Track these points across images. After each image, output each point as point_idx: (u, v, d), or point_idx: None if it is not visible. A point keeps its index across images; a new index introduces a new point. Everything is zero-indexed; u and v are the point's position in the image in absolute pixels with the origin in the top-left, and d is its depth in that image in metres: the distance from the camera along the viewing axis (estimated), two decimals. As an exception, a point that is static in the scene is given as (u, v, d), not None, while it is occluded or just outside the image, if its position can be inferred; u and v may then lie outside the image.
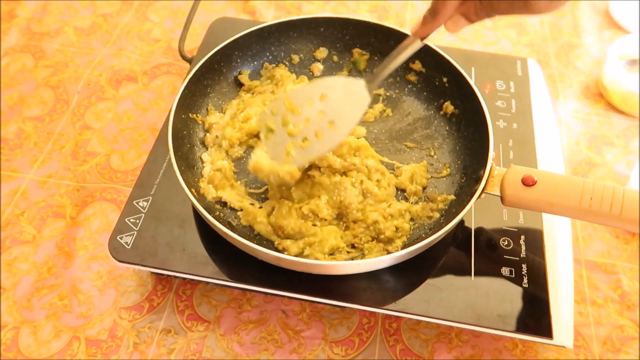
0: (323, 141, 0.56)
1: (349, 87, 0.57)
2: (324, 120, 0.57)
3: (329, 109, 0.57)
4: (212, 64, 0.65)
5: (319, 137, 0.56)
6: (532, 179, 0.50)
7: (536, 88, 0.70)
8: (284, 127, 0.57)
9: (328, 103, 0.57)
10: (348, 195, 0.56)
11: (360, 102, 0.56)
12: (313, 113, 0.57)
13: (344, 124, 0.56)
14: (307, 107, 0.58)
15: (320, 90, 0.58)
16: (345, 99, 0.57)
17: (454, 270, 0.54)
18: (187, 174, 0.56)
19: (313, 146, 0.56)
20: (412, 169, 0.60)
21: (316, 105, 0.58)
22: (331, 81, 0.59)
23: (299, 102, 0.58)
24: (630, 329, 0.57)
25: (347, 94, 0.57)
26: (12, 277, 0.60)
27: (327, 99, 0.57)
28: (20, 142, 0.72)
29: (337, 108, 0.57)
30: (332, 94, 0.58)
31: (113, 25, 0.87)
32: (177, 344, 0.56)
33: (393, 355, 0.55)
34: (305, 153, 0.56)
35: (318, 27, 0.70)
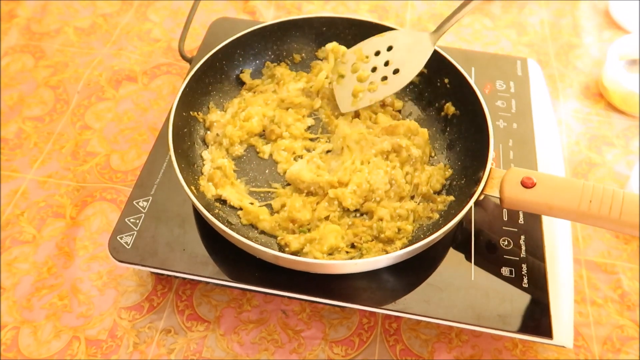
0: (387, 86, 0.63)
1: (414, 39, 0.63)
2: (390, 68, 0.63)
3: (394, 58, 0.64)
4: (214, 62, 0.65)
5: (384, 82, 0.63)
6: (532, 180, 0.50)
7: (536, 88, 0.70)
8: (354, 73, 0.65)
9: (394, 54, 0.64)
10: (378, 180, 0.58)
11: (422, 53, 0.62)
12: (380, 62, 0.64)
13: (407, 72, 0.63)
14: (374, 57, 0.64)
15: (387, 42, 0.64)
16: (409, 50, 0.63)
17: (454, 270, 0.54)
18: (187, 172, 0.56)
19: (378, 90, 0.63)
20: (431, 171, 0.60)
21: (383, 55, 0.64)
22: (398, 34, 0.65)
23: (368, 52, 0.65)
24: (630, 329, 0.57)
25: (412, 45, 0.63)
26: (12, 277, 0.60)
27: (393, 49, 0.64)
28: (20, 142, 0.72)
29: (401, 58, 0.63)
30: (397, 45, 0.64)
31: (113, 25, 0.87)
32: (177, 344, 0.56)
33: (393, 355, 0.55)
34: (372, 95, 0.63)
35: (320, 27, 0.70)
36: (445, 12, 0.91)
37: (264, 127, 0.64)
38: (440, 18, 0.89)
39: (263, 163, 0.62)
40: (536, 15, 0.91)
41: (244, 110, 0.64)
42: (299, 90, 0.67)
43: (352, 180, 0.57)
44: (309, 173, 0.59)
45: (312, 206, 0.57)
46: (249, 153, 0.63)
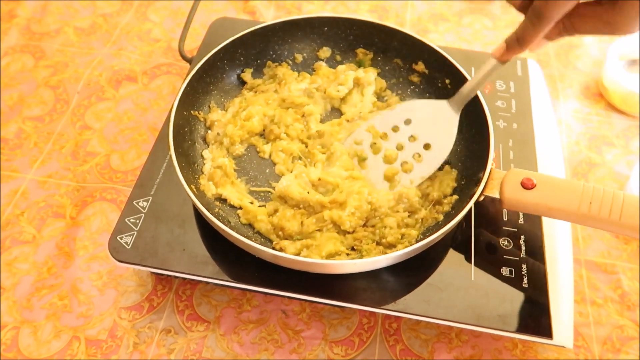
0: (424, 164, 0.58)
1: (433, 109, 0.58)
2: (418, 143, 0.58)
3: (418, 132, 0.58)
4: (216, 61, 0.65)
5: (418, 159, 0.58)
6: (532, 182, 0.49)
7: (536, 88, 0.70)
8: (377, 153, 0.59)
9: (415, 127, 0.59)
10: (380, 199, 0.56)
11: (449, 122, 0.57)
12: (403, 138, 0.59)
13: (441, 145, 0.57)
14: (394, 134, 0.59)
15: (402, 115, 0.59)
16: (433, 121, 0.58)
17: (454, 270, 0.54)
18: (187, 171, 0.56)
19: (416, 169, 0.58)
20: (440, 176, 0.59)
21: (404, 130, 0.59)
22: (413, 105, 0.60)
23: (385, 129, 0.60)
24: (630, 329, 0.57)
25: (434, 116, 0.58)
26: (12, 277, 0.60)
27: (412, 122, 0.59)
28: (20, 142, 0.72)
29: (427, 130, 0.58)
30: (416, 117, 0.59)
31: (113, 25, 0.87)
32: (177, 344, 0.56)
33: (393, 355, 0.55)
34: (410, 176, 0.57)
35: (322, 27, 0.70)
36: (445, 12, 0.91)
37: (264, 126, 0.64)
38: (441, 18, 0.90)
39: (263, 162, 0.63)
40: (536, 15, 0.91)
41: (244, 110, 0.64)
42: (300, 90, 0.67)
43: (349, 203, 0.55)
44: (297, 189, 0.57)
45: (302, 218, 0.56)
46: (250, 152, 0.63)
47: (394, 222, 0.55)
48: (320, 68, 0.70)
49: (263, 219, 0.56)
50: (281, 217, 0.55)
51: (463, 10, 0.91)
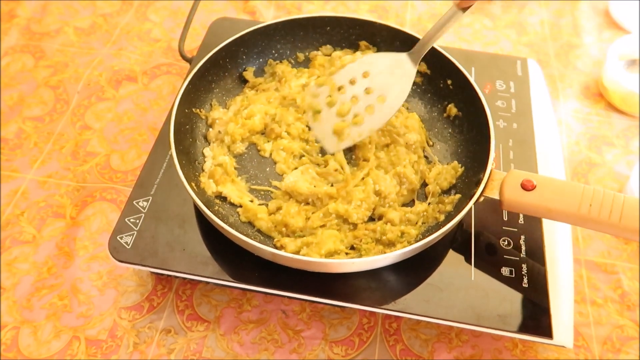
0: (376, 115, 0.57)
1: (392, 61, 0.58)
2: (373, 95, 0.57)
3: (375, 84, 0.58)
4: (218, 59, 0.65)
5: (370, 112, 0.57)
6: (532, 183, 0.49)
7: (536, 88, 0.70)
8: (331, 107, 0.58)
9: (373, 79, 0.58)
10: (387, 186, 0.56)
11: (406, 75, 0.57)
12: (359, 90, 0.58)
13: (394, 97, 0.57)
14: (350, 86, 0.59)
15: (362, 67, 0.59)
16: (390, 74, 0.57)
17: (454, 270, 0.54)
18: (187, 168, 0.56)
19: (367, 121, 0.57)
20: (440, 168, 0.59)
21: (360, 82, 0.58)
22: (372, 58, 0.59)
23: (343, 82, 0.59)
24: (630, 329, 0.57)
25: (391, 69, 0.57)
26: (12, 277, 0.60)
27: (370, 75, 0.58)
28: (20, 142, 0.72)
29: (383, 83, 0.57)
30: (374, 70, 0.58)
31: (113, 25, 0.87)
32: (177, 344, 0.56)
33: (393, 355, 0.55)
34: (359, 129, 0.57)
35: (324, 26, 0.70)
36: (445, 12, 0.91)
37: (265, 125, 0.64)
38: (440, 18, 0.90)
39: (264, 161, 0.63)
40: (536, 15, 0.91)
41: (246, 108, 0.64)
42: (300, 86, 0.67)
43: (355, 196, 0.56)
44: (305, 184, 0.57)
45: (307, 214, 0.56)
46: (250, 151, 0.63)
47: (397, 217, 0.55)
48: (316, 58, 0.70)
49: (263, 217, 0.56)
50: (285, 214, 0.56)
51: (463, 10, 0.91)
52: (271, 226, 0.56)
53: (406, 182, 0.58)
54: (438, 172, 0.59)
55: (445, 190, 0.58)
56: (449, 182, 0.58)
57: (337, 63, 0.68)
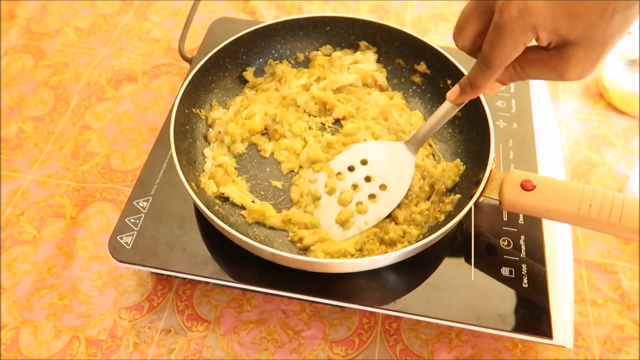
0: (380, 204, 0.56)
1: (390, 150, 0.58)
2: (374, 183, 0.57)
3: (375, 172, 0.58)
4: (218, 59, 0.65)
5: (374, 200, 0.56)
6: (531, 183, 0.49)
7: (536, 88, 0.70)
8: (331, 194, 0.57)
9: (372, 167, 0.58)
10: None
11: (406, 164, 0.56)
12: (359, 178, 0.58)
13: (396, 187, 0.56)
14: (349, 173, 0.58)
15: (359, 154, 0.59)
16: (390, 162, 0.57)
17: (454, 270, 0.54)
18: (187, 168, 0.56)
19: (371, 210, 0.56)
20: (444, 165, 0.59)
21: (359, 170, 0.58)
22: (369, 145, 0.59)
23: (340, 168, 0.59)
24: (630, 329, 0.57)
25: (390, 157, 0.57)
26: (12, 277, 0.60)
27: (369, 163, 0.58)
28: (20, 142, 0.72)
29: (384, 171, 0.57)
30: (372, 157, 0.58)
31: (113, 25, 0.87)
32: (177, 344, 0.56)
33: (393, 355, 0.55)
34: (365, 218, 0.56)
35: (324, 26, 0.70)
36: (445, 12, 0.91)
37: (266, 125, 0.64)
38: (441, 18, 0.90)
39: (264, 161, 0.63)
40: (536, 15, 0.91)
41: (246, 109, 0.65)
42: (300, 86, 0.67)
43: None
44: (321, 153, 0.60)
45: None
46: (250, 151, 0.63)
47: (402, 216, 0.55)
48: (316, 58, 0.70)
49: (272, 214, 0.56)
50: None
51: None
52: (286, 220, 0.56)
53: (427, 176, 0.58)
54: (442, 169, 0.59)
55: (449, 188, 0.58)
56: (452, 181, 0.58)
57: (337, 63, 0.68)
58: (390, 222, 0.56)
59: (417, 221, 0.56)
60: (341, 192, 0.57)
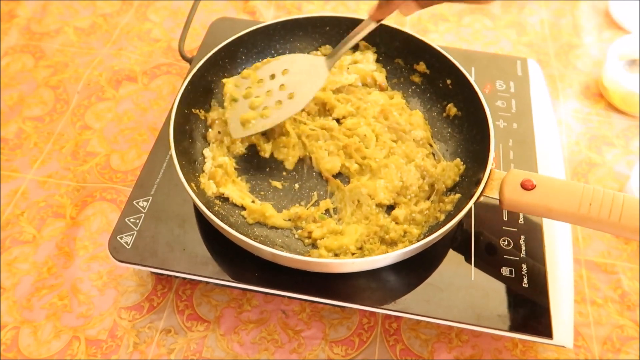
0: (281, 110, 0.61)
1: (310, 63, 0.62)
2: (285, 92, 0.61)
3: (289, 82, 0.62)
4: (217, 59, 0.65)
5: (278, 107, 0.61)
6: (531, 182, 0.49)
7: (536, 88, 0.70)
8: (247, 98, 0.62)
9: (289, 77, 0.62)
10: (410, 176, 0.58)
11: (318, 77, 0.61)
12: (275, 86, 0.62)
13: (302, 96, 0.61)
14: (269, 81, 0.63)
15: (283, 65, 0.63)
16: (306, 74, 0.62)
17: (454, 270, 0.54)
18: (187, 169, 0.56)
19: (272, 114, 0.61)
20: (444, 165, 0.60)
21: (278, 79, 0.62)
22: (294, 57, 0.64)
23: (263, 76, 0.63)
24: (630, 329, 0.57)
25: (308, 69, 0.62)
26: (12, 277, 0.60)
27: (289, 73, 0.62)
28: (20, 142, 0.72)
29: (297, 82, 0.62)
30: (293, 69, 0.63)
31: (113, 25, 0.87)
32: (177, 344, 0.56)
33: (393, 355, 0.55)
34: (264, 122, 0.60)
35: (323, 26, 0.70)
36: (445, 12, 0.91)
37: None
38: (441, 18, 0.90)
39: (264, 161, 0.63)
40: (536, 15, 0.91)
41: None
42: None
43: (381, 175, 0.58)
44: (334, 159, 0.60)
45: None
46: (250, 151, 0.63)
47: (403, 216, 0.56)
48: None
49: (273, 214, 0.57)
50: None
51: (463, 10, 0.91)
52: (294, 218, 0.57)
53: (427, 176, 0.59)
54: (442, 168, 0.59)
55: (449, 188, 0.58)
56: (452, 180, 0.58)
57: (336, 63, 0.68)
58: (391, 222, 0.56)
59: (418, 220, 0.56)
60: (255, 97, 0.62)
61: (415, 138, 0.62)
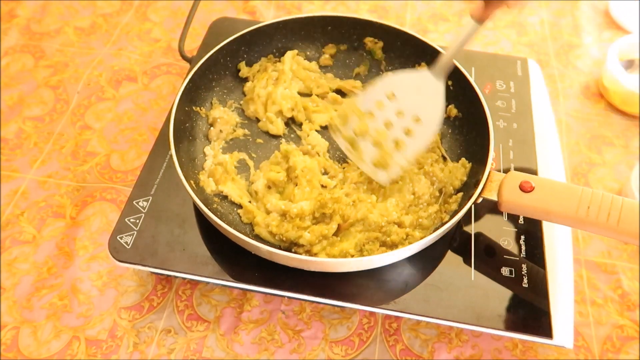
0: (416, 139, 0.53)
1: (416, 79, 0.54)
2: (407, 117, 0.53)
3: (406, 106, 0.54)
4: (219, 58, 0.65)
5: (410, 135, 0.53)
6: (530, 185, 0.49)
7: (536, 88, 0.70)
8: (364, 136, 0.54)
9: (402, 100, 0.54)
10: (421, 186, 0.56)
11: (435, 92, 0.53)
12: (390, 114, 0.54)
13: (431, 117, 0.53)
14: (378, 111, 0.55)
15: (385, 89, 0.55)
16: (417, 92, 0.53)
17: (453, 270, 0.54)
18: (187, 166, 0.56)
19: (409, 145, 0.53)
20: (450, 167, 0.59)
21: (388, 106, 0.54)
22: (394, 78, 0.55)
23: (369, 107, 0.55)
24: (630, 329, 0.57)
25: (417, 87, 0.54)
26: (12, 277, 0.60)
27: (397, 97, 0.54)
28: (20, 142, 0.72)
29: (414, 103, 0.53)
30: (400, 90, 0.54)
31: (113, 25, 0.87)
32: (177, 344, 0.56)
33: (393, 355, 0.55)
34: (405, 154, 0.53)
35: (325, 26, 0.70)
36: (445, 12, 0.91)
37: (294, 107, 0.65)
38: (441, 18, 0.90)
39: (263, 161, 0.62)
40: (536, 15, 0.91)
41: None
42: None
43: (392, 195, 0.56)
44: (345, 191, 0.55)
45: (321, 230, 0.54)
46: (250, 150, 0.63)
47: (409, 220, 0.55)
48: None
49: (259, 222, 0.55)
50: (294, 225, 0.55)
51: (463, 10, 0.91)
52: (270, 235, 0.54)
53: (436, 182, 0.57)
54: (450, 170, 0.58)
55: (457, 189, 0.58)
56: (460, 181, 0.58)
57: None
58: (394, 226, 0.55)
59: (424, 225, 0.55)
60: (376, 132, 0.53)
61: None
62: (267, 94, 0.65)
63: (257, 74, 0.68)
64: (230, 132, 0.64)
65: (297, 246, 0.54)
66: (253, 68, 0.68)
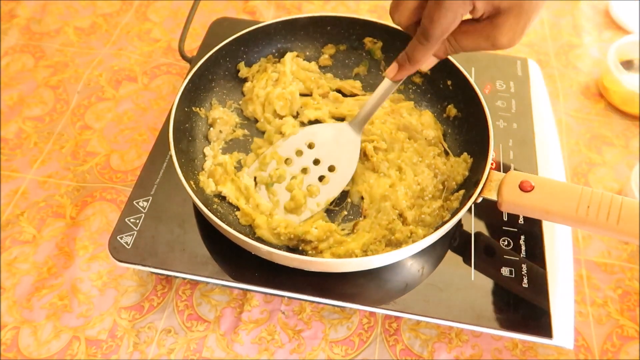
0: (330, 186, 0.58)
1: (334, 131, 0.59)
2: (323, 166, 0.59)
3: (322, 155, 0.59)
4: (218, 58, 0.65)
5: (325, 182, 0.58)
6: (530, 184, 0.49)
7: (536, 88, 0.70)
8: (282, 182, 0.58)
9: (319, 150, 0.59)
10: (425, 177, 0.58)
11: (352, 144, 0.58)
12: (308, 162, 0.59)
13: (345, 167, 0.58)
14: (297, 158, 0.59)
15: (305, 138, 0.60)
16: (335, 143, 0.59)
17: (453, 270, 0.54)
18: (186, 167, 0.56)
19: (322, 191, 0.57)
20: (452, 161, 0.59)
21: (307, 154, 0.59)
22: (314, 129, 0.61)
23: (288, 154, 0.60)
24: (630, 329, 0.57)
25: (335, 138, 0.59)
26: (12, 277, 0.60)
27: (315, 146, 0.60)
28: (20, 142, 0.72)
29: (331, 153, 0.59)
30: (318, 140, 0.60)
31: (113, 25, 0.87)
32: (177, 344, 0.56)
33: (393, 355, 0.55)
34: (316, 200, 0.57)
35: (325, 26, 0.70)
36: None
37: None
38: (440, 18, 0.90)
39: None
40: (536, 15, 0.91)
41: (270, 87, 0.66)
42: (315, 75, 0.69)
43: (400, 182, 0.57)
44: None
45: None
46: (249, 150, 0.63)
47: (412, 216, 0.55)
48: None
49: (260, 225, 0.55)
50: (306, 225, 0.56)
51: (463, 10, 0.91)
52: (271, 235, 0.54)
53: (439, 174, 0.58)
54: (451, 164, 0.59)
55: (460, 184, 0.58)
56: (462, 175, 0.58)
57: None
58: (398, 223, 0.55)
59: (427, 222, 0.55)
60: (291, 177, 0.58)
61: (427, 137, 0.62)
62: (266, 94, 0.65)
63: (257, 75, 0.68)
64: (230, 132, 0.64)
65: (304, 243, 0.54)
66: (252, 68, 0.68)
